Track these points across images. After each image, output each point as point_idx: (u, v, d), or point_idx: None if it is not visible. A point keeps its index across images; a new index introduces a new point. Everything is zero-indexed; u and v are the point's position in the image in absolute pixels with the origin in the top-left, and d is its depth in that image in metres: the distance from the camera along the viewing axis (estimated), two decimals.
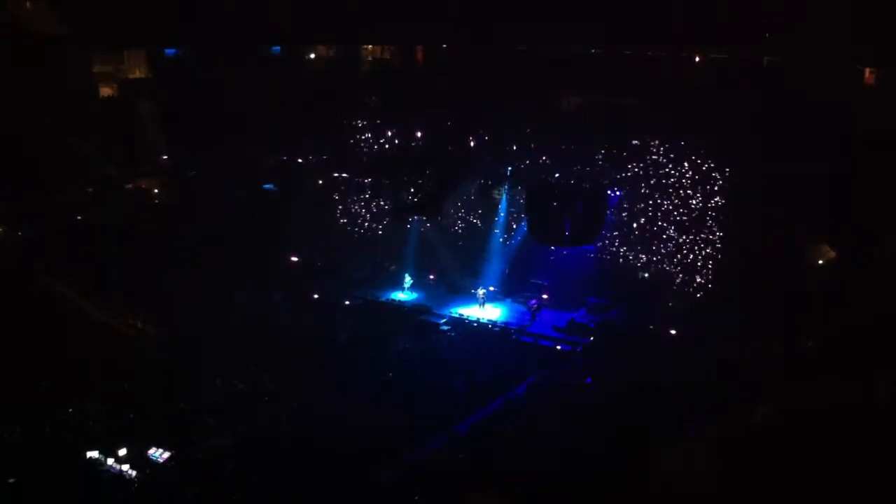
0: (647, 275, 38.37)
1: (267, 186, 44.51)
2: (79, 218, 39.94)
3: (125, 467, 23.02)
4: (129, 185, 43.10)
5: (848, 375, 24.04)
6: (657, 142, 36.95)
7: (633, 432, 24.67)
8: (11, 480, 22.02)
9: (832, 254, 34.56)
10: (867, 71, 36.33)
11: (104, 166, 41.85)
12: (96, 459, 23.29)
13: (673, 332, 34.46)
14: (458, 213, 43.36)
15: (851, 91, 35.67)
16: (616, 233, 39.08)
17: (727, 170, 35.68)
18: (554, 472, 22.75)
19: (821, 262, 34.71)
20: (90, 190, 41.58)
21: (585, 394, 29.34)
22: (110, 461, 23.19)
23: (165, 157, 44.63)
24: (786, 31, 35.55)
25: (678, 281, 37.34)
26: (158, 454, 23.49)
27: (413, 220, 43.25)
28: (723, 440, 23.28)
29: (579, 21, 38.08)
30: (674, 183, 36.86)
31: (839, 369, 25.04)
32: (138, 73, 44.37)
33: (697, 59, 40.05)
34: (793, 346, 29.58)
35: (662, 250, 37.69)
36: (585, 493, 21.68)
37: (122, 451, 23.32)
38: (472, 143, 41.03)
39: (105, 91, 43.36)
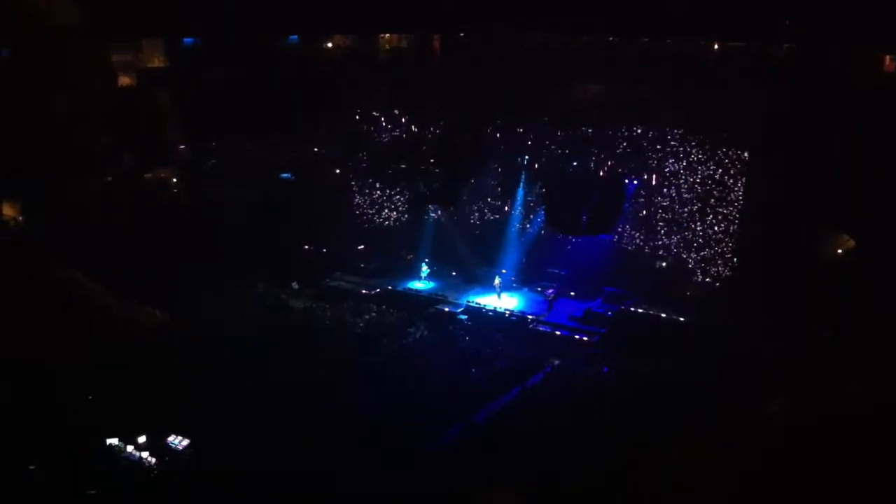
0: (664, 264, 38.23)
1: (283, 176, 44.59)
2: (96, 209, 39.92)
3: (144, 454, 23.19)
4: (148, 175, 43.15)
5: (862, 372, 23.94)
6: (676, 132, 36.81)
7: (640, 427, 24.54)
8: (32, 467, 22.17)
9: (851, 243, 34.33)
10: (887, 59, 36.05)
11: (122, 156, 42.00)
12: (116, 446, 23.46)
13: (687, 321, 34.40)
14: (474, 202, 43.23)
15: (873, 80, 35.36)
16: (633, 222, 38.93)
17: (746, 159, 35.48)
18: (565, 465, 22.72)
19: (840, 251, 34.50)
20: (108, 180, 41.62)
21: (601, 384, 29.34)
22: (130, 448, 23.37)
23: (183, 146, 44.69)
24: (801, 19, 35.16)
25: (695, 271, 37.20)
26: (178, 442, 23.66)
27: (430, 209, 43.30)
28: (730, 437, 23.16)
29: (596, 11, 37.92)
30: (691, 172, 36.67)
31: (854, 365, 24.95)
32: (157, 63, 44.42)
33: (716, 47, 39.74)
34: (807, 339, 29.41)
35: (679, 240, 37.52)
36: (595, 487, 21.63)
37: (142, 439, 23.48)
38: (488, 133, 40.93)
39: (123, 80, 43.44)
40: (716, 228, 36.51)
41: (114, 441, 23.51)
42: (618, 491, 21.19)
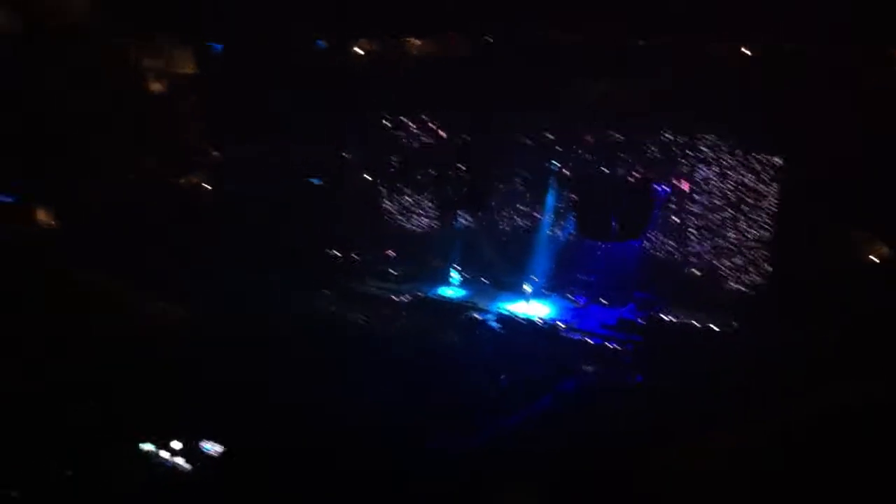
0: (694, 270, 38.02)
1: (312, 180, 44.74)
2: (125, 211, 40.14)
3: (179, 460, 23.26)
4: (179, 180, 43.43)
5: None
6: (707, 137, 36.58)
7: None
8: (69, 473, 22.29)
9: (884, 249, 34.05)
10: None
11: (151, 161, 42.30)
12: (150, 452, 23.54)
13: (718, 328, 34.19)
14: (503, 208, 43.08)
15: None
16: (663, 228, 38.71)
17: (780, 164, 35.19)
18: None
19: (872, 257, 34.21)
20: (138, 184, 41.91)
21: (635, 393, 29.21)
22: (164, 454, 23.44)
23: (215, 152, 44.94)
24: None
25: (727, 277, 36.96)
26: (211, 447, 23.71)
27: (458, 215, 43.24)
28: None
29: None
30: (723, 178, 36.46)
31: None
32: (187, 69, 44.65)
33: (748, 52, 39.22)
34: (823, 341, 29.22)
35: (711, 246, 37.31)
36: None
37: (176, 444, 23.55)
38: (516, 137, 40.88)
39: (154, 86, 43.69)
40: (748, 235, 36.24)
41: (148, 446, 23.65)
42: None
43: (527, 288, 39.35)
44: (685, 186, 37.54)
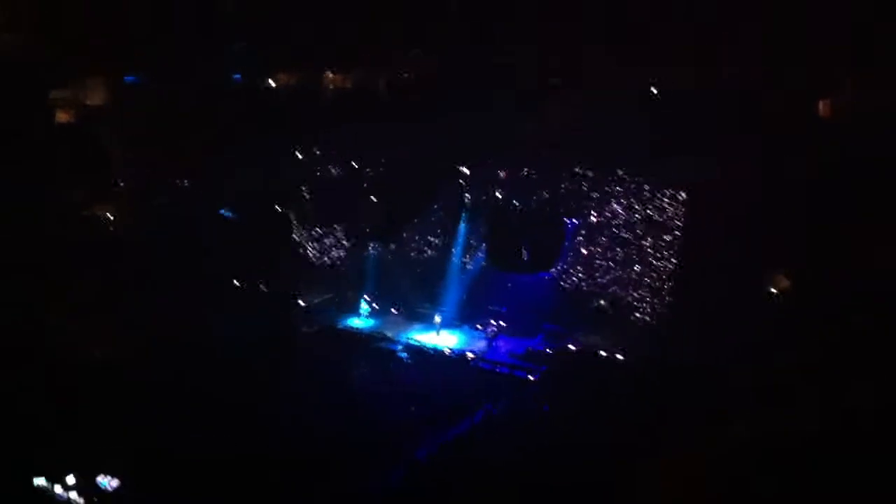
0: (602, 301, 38.54)
1: (223, 212, 44.20)
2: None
3: (73, 495, 22.57)
4: (87, 212, 42.46)
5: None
6: (616, 172, 37.41)
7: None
8: None
9: (785, 282, 35.04)
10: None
11: (61, 190, 41.36)
12: (44, 487, 22.81)
13: (624, 357, 34.72)
14: (415, 239, 43.21)
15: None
16: (573, 260, 39.21)
17: (683, 198, 36.09)
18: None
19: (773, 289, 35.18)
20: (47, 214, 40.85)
21: (542, 421, 29.40)
22: (58, 489, 22.73)
23: (122, 182, 44.08)
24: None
25: (633, 309, 37.62)
26: (107, 482, 23.06)
27: (371, 245, 43.17)
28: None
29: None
30: (631, 212, 37.24)
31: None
32: (97, 100, 43.87)
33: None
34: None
35: (617, 278, 37.93)
36: None
37: (71, 479, 22.85)
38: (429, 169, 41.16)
39: (62, 117, 42.81)
40: (653, 268, 36.98)
41: (41, 481, 22.91)
42: None
43: (437, 318, 39.41)
44: (594, 220, 38.10)
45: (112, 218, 43.36)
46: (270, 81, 45.78)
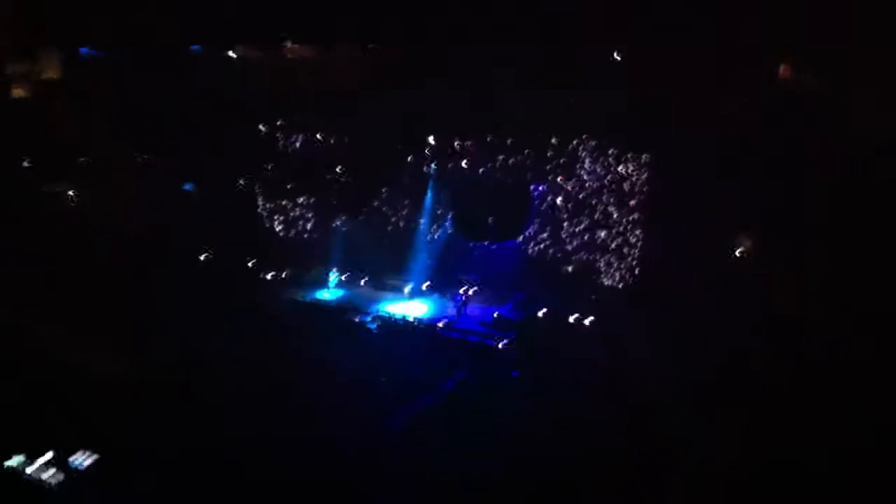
0: (570, 268, 38.74)
1: (186, 187, 43.89)
2: None
3: (47, 474, 22.45)
4: (46, 189, 42.01)
5: None
6: (581, 137, 37.45)
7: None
8: None
9: (748, 243, 35.26)
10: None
11: (19, 169, 40.90)
12: (15, 468, 22.69)
13: (591, 324, 35.05)
14: (382, 210, 43.13)
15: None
16: (540, 227, 39.38)
17: (649, 162, 36.25)
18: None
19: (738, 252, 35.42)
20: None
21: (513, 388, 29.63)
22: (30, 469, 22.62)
23: (82, 159, 43.58)
24: None
25: (601, 274, 37.87)
26: (83, 459, 22.96)
27: (338, 218, 43.08)
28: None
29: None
30: (596, 177, 37.35)
31: None
32: (52, 74, 43.24)
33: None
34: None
35: (585, 244, 38.14)
36: None
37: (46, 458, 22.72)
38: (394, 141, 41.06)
39: (17, 92, 42.21)
40: (620, 231, 37.20)
41: (12, 462, 22.77)
42: None
43: (406, 289, 39.43)
44: (560, 187, 38.22)
45: (75, 195, 43.02)
46: (231, 52, 45.25)
